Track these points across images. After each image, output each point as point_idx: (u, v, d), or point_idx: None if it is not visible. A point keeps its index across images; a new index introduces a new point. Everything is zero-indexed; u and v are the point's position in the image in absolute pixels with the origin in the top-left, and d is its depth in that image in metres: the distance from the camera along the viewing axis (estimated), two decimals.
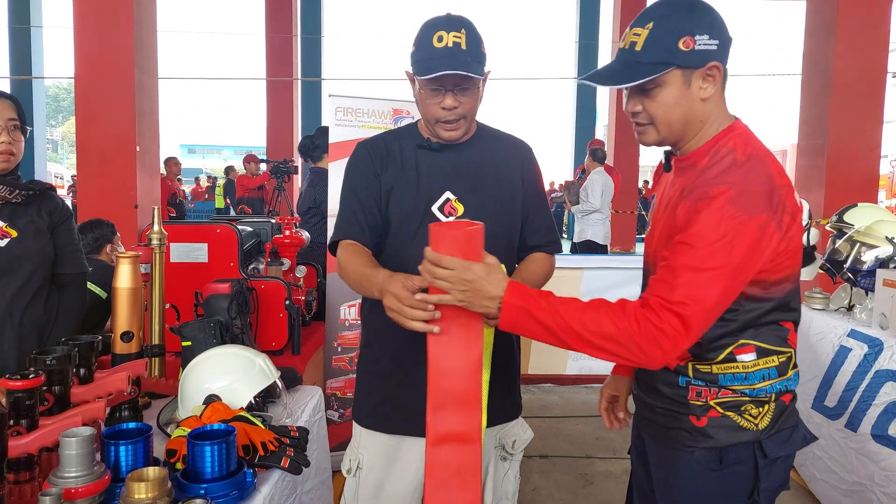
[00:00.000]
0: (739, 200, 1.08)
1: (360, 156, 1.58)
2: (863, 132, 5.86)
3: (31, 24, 13.77)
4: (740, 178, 1.11)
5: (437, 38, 1.40)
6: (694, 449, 1.22)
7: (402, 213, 1.52)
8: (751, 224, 1.08)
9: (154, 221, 1.82)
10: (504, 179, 1.57)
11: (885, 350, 2.36)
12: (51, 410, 1.23)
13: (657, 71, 1.15)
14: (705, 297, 1.08)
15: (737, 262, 1.08)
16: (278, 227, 2.79)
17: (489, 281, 1.13)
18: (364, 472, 1.59)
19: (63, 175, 22.61)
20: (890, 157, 16.98)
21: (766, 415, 1.21)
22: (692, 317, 1.07)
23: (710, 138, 1.20)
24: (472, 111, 1.50)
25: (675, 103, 1.17)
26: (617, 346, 1.10)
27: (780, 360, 1.21)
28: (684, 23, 1.14)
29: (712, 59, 1.15)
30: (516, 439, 1.62)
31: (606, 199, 6.51)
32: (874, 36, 5.78)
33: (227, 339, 1.82)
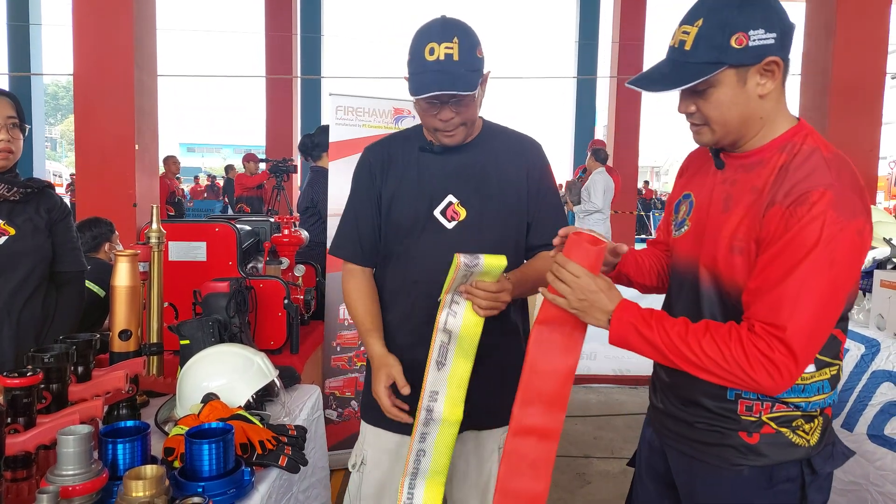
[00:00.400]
0: (840, 204, 1.01)
1: (362, 166, 1.59)
2: (862, 133, 5.86)
3: (30, 22, 13.75)
4: (835, 178, 1.04)
5: (428, 50, 1.37)
6: (742, 467, 1.16)
7: (405, 218, 1.52)
8: (850, 229, 1.01)
9: (153, 220, 1.82)
10: (508, 180, 1.53)
11: (882, 350, 2.37)
12: (48, 408, 1.23)
13: (707, 72, 1.07)
14: (811, 319, 1.02)
15: (838, 270, 1.02)
16: (277, 226, 2.79)
17: (607, 295, 1.15)
18: (368, 468, 1.60)
19: (62, 173, 22.59)
20: (889, 158, 17.00)
21: (816, 430, 1.16)
22: (800, 347, 1.02)
23: (780, 134, 1.12)
24: (471, 117, 1.48)
25: (731, 103, 1.09)
26: (725, 373, 1.05)
27: (831, 372, 1.16)
28: (736, 17, 1.05)
29: (769, 54, 1.06)
30: None
31: (607, 199, 6.52)
32: (873, 37, 5.79)
33: (226, 338, 1.82)
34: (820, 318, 1.04)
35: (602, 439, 3.56)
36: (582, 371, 4.49)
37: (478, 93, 1.44)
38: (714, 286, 1.17)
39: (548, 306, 1.24)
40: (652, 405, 1.36)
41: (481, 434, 1.58)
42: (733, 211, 1.14)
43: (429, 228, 1.50)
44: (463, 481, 1.60)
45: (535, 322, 1.27)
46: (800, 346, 1.02)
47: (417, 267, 1.50)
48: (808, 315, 1.02)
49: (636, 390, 4.39)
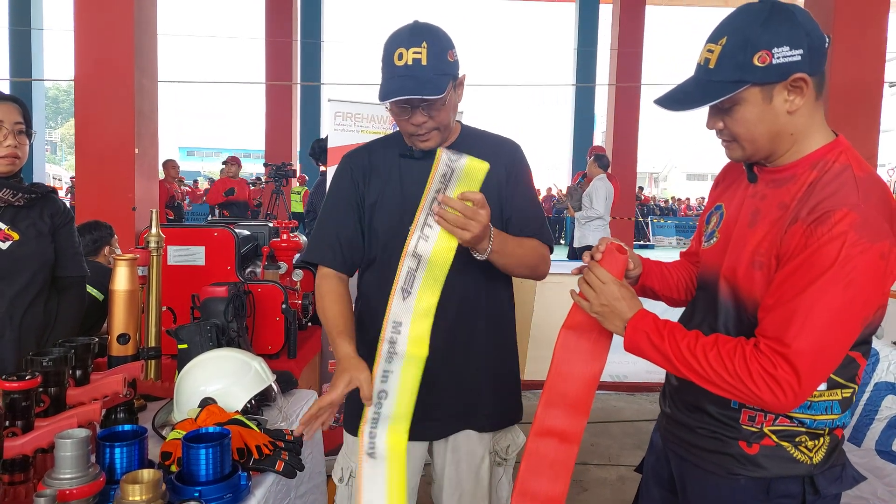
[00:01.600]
0: (863, 226, 0.98)
1: (343, 172, 1.58)
2: (860, 141, 5.86)
3: (31, 27, 13.79)
4: (862, 199, 1.01)
5: (397, 55, 1.38)
6: (740, 477, 1.15)
7: (387, 225, 1.52)
8: (872, 252, 0.98)
9: (152, 224, 1.83)
10: (488, 183, 1.49)
11: (881, 361, 2.37)
12: (46, 412, 1.23)
13: (729, 91, 1.06)
14: (819, 339, 1.00)
15: (854, 293, 0.99)
16: (275, 230, 2.80)
17: (628, 304, 1.17)
18: (357, 480, 1.56)
19: (62, 176, 22.61)
20: (887, 165, 17.07)
21: (821, 448, 1.14)
22: (805, 366, 1.00)
23: (814, 150, 1.10)
24: (444, 121, 1.47)
25: (757, 120, 1.08)
26: (730, 387, 1.05)
27: (843, 394, 1.13)
28: (759, 36, 1.04)
29: (795, 71, 1.04)
30: (510, 444, 1.61)
31: (608, 205, 6.53)
32: (871, 45, 5.82)
33: (224, 343, 1.83)
34: (829, 338, 1.01)
35: (599, 446, 3.56)
36: None
37: (450, 96, 1.43)
38: (732, 299, 1.17)
39: (575, 312, 1.26)
40: (661, 410, 1.36)
41: (471, 439, 1.56)
42: (759, 226, 1.13)
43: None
44: (454, 489, 1.59)
45: (563, 326, 1.28)
46: (804, 365, 1.00)
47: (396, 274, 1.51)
48: (815, 335, 1.00)
49: (633, 397, 4.39)
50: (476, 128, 1.64)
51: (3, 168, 1.77)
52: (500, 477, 1.62)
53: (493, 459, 1.59)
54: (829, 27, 5.81)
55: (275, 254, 2.68)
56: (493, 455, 1.59)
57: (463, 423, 1.56)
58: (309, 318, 2.72)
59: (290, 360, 2.31)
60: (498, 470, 1.61)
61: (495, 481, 1.61)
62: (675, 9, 18.49)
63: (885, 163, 16.10)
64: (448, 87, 1.40)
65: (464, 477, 1.58)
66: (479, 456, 1.57)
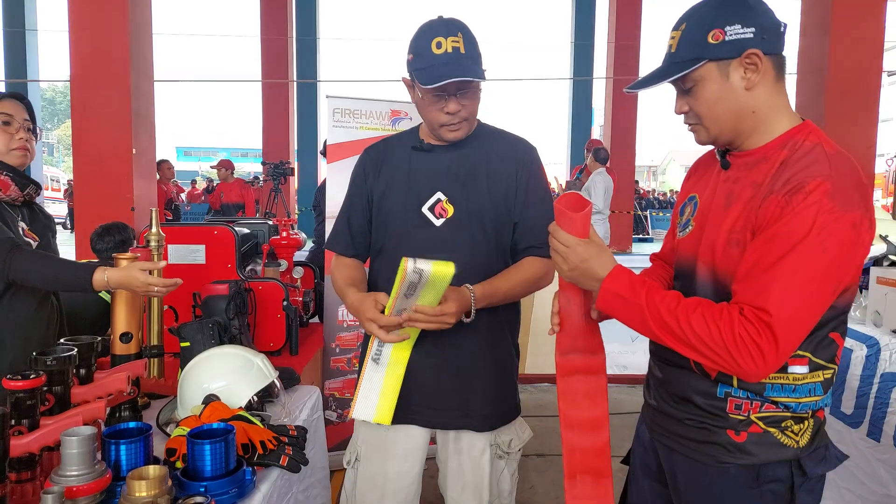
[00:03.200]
0: (836, 194, 1.02)
1: (359, 165, 1.66)
2: (858, 130, 5.88)
3: (26, 28, 13.75)
4: (836, 170, 1.04)
5: (435, 44, 1.41)
6: (729, 465, 1.16)
7: (394, 215, 1.56)
8: (845, 220, 1.01)
9: (152, 223, 1.83)
10: (497, 180, 1.56)
11: (882, 350, 2.36)
12: (51, 410, 1.24)
13: (687, 67, 1.12)
14: (799, 307, 1.02)
15: (829, 259, 1.01)
16: (275, 228, 2.80)
17: (598, 262, 1.16)
18: (362, 464, 1.62)
19: (59, 178, 22.56)
20: (886, 155, 17.06)
21: (806, 431, 1.16)
22: (784, 335, 1.02)
23: (784, 132, 1.14)
24: (474, 112, 1.52)
25: (717, 98, 1.13)
26: (709, 351, 1.05)
27: (825, 375, 1.15)
28: (713, 16, 1.11)
29: (748, 47, 1.09)
30: (513, 438, 1.62)
31: (607, 199, 6.54)
32: (869, 34, 5.81)
33: (226, 340, 1.83)
34: (807, 306, 1.03)
35: None
36: None
37: (480, 88, 1.49)
38: (711, 280, 1.17)
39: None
40: (646, 402, 1.36)
41: (473, 434, 1.58)
42: (733, 207, 1.15)
43: (418, 224, 1.54)
44: (457, 479, 1.61)
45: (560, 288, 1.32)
46: (783, 334, 1.02)
47: None
48: (795, 302, 1.02)
49: (634, 389, 4.40)
50: (493, 126, 1.65)
51: (16, 160, 1.78)
52: (502, 470, 1.62)
53: (494, 453, 1.60)
54: (827, 17, 5.80)
55: (275, 251, 2.68)
56: (495, 448, 1.60)
57: (461, 422, 1.58)
58: (310, 315, 2.73)
59: (293, 357, 2.32)
60: (499, 463, 1.62)
61: (496, 474, 1.62)
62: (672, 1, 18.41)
63: (884, 152, 16.10)
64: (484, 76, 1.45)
65: (466, 468, 1.60)
66: (479, 449, 1.59)
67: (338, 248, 1.65)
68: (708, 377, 1.17)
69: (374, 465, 1.60)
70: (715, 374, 1.16)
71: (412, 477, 1.60)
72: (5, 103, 1.76)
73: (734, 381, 1.15)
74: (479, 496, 1.59)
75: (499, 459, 1.61)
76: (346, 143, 2.99)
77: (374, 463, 1.60)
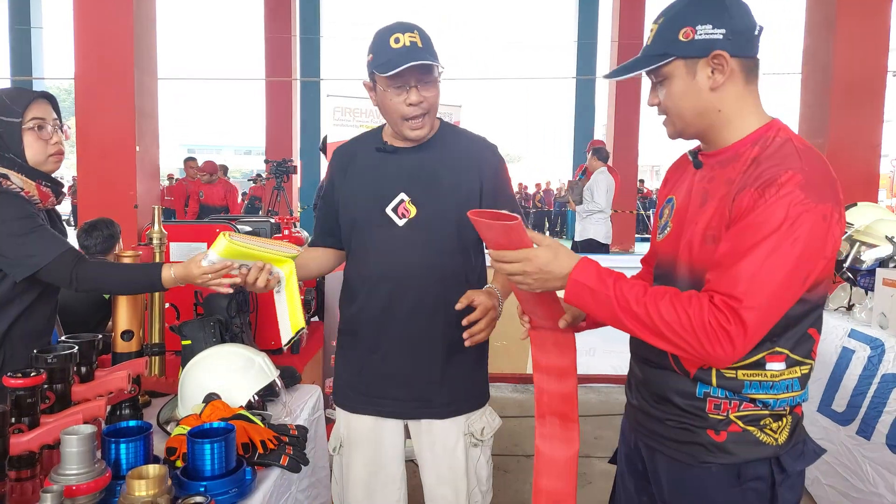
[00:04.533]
0: (808, 186, 1.04)
1: (329, 168, 1.74)
2: (863, 131, 5.85)
3: (31, 25, 13.78)
4: (807, 164, 1.07)
5: (393, 39, 1.47)
6: (711, 464, 1.17)
7: (359, 215, 1.61)
8: (816, 212, 1.04)
9: (154, 221, 1.83)
10: (460, 180, 1.60)
11: (886, 352, 2.35)
12: (52, 408, 1.24)
13: (655, 62, 1.15)
14: (769, 296, 1.04)
15: (800, 250, 1.03)
16: (277, 226, 2.80)
17: (557, 263, 1.16)
18: (346, 450, 1.68)
19: (63, 175, 22.60)
20: (891, 156, 16.97)
21: (784, 428, 1.17)
22: (753, 322, 1.03)
23: (754, 130, 1.16)
24: (435, 106, 1.55)
25: (683, 94, 1.16)
26: (678, 339, 1.06)
27: (802, 371, 1.16)
28: (687, 14, 1.13)
29: (716, 48, 1.11)
30: (485, 426, 1.66)
31: (609, 198, 6.51)
32: (875, 33, 5.78)
33: (227, 338, 1.83)
34: (777, 294, 1.05)
35: (603, 439, 3.56)
36: (581, 370, 4.47)
37: (440, 79, 1.54)
38: (689, 276, 1.18)
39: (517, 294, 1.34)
40: (628, 402, 1.37)
41: (445, 422, 1.63)
42: (709, 204, 1.17)
43: (381, 225, 1.58)
44: (432, 470, 1.65)
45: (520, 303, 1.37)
46: (752, 321, 1.03)
47: (371, 261, 1.60)
48: (766, 292, 1.04)
49: None
50: (454, 125, 1.72)
51: (53, 166, 1.71)
52: (478, 458, 1.66)
53: (468, 441, 1.64)
54: (832, 18, 5.77)
55: None
56: (468, 437, 1.64)
57: (421, 412, 1.62)
58: (311, 314, 2.73)
59: (294, 356, 2.32)
60: (475, 451, 1.65)
61: (473, 462, 1.65)
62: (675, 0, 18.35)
63: (888, 153, 16.01)
64: (441, 67, 1.51)
65: (440, 459, 1.64)
66: (452, 438, 1.63)
67: (314, 244, 1.76)
68: (687, 376, 1.18)
69: (358, 454, 1.66)
70: (694, 373, 1.17)
71: (395, 463, 1.66)
72: (36, 106, 1.63)
73: (713, 380, 1.15)
74: (455, 485, 1.63)
75: (473, 448, 1.65)
76: (346, 141, 2.98)
77: (358, 451, 1.65)
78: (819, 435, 2.59)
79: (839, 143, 5.86)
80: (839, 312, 2.86)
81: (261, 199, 8.93)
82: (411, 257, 1.56)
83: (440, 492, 1.64)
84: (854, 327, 2.58)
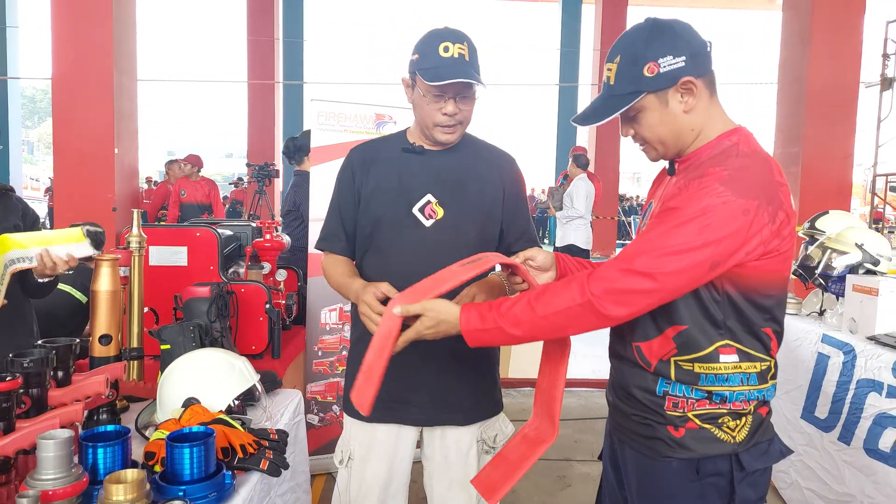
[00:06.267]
0: (731, 181, 1.10)
1: (346, 166, 1.68)
2: (837, 140, 6.00)
3: (6, 24, 13.55)
4: (738, 164, 1.14)
5: (443, 48, 1.47)
6: (671, 459, 1.22)
7: (384, 214, 1.59)
8: (735, 205, 1.09)
9: (133, 224, 1.82)
10: (485, 186, 1.62)
11: (858, 357, 2.40)
12: (28, 413, 1.23)
13: (628, 102, 1.20)
14: (664, 260, 1.10)
15: (707, 236, 1.09)
16: (259, 230, 2.78)
17: (445, 325, 1.26)
18: (356, 462, 1.65)
19: (39, 177, 22.22)
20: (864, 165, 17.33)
21: (743, 427, 1.21)
22: (647, 267, 1.10)
23: (714, 137, 1.23)
24: (469, 118, 1.57)
25: (659, 123, 1.22)
26: (574, 317, 1.15)
27: (761, 367, 1.21)
28: (645, 50, 1.18)
29: (682, 76, 1.18)
30: (498, 433, 1.67)
31: (589, 204, 6.58)
32: (848, 46, 5.93)
33: (207, 343, 1.82)
34: (679, 274, 1.11)
35: (582, 442, 3.59)
36: None
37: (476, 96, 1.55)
38: None
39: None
40: (607, 399, 1.44)
41: (460, 428, 1.63)
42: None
43: (408, 224, 1.58)
44: (444, 476, 1.65)
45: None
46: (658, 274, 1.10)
47: (395, 259, 1.59)
48: (658, 256, 1.11)
49: None
50: (477, 136, 1.73)
51: None
52: None
53: (480, 448, 1.65)
54: (806, 31, 5.91)
55: (258, 254, 2.67)
56: (482, 444, 1.65)
57: (442, 418, 1.62)
58: (293, 318, 2.72)
59: (275, 360, 2.30)
60: (486, 458, 1.65)
61: None
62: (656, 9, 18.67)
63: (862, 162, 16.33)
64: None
65: (452, 465, 1.64)
66: (466, 444, 1.63)
67: (334, 247, 1.66)
68: (648, 369, 1.24)
69: (371, 464, 1.64)
70: (654, 365, 1.23)
71: (406, 472, 1.66)
72: None
73: (671, 373, 1.21)
74: (466, 492, 1.62)
75: (486, 455, 1.66)
76: (331, 146, 2.98)
77: (371, 462, 1.64)
78: (803, 441, 2.64)
79: (813, 152, 6.00)
80: (811, 318, 2.92)
81: (242, 203, 8.84)
82: (437, 259, 1.50)
83: (451, 497, 1.64)
84: (826, 332, 2.63)
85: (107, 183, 4.39)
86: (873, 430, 2.26)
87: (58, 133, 4.46)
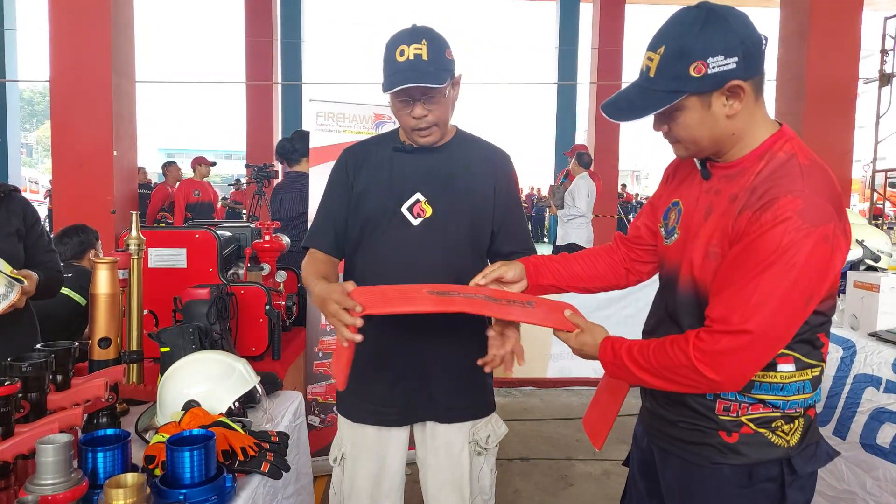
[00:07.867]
0: (806, 210, 1.03)
1: (339, 164, 1.67)
2: (836, 137, 5.98)
3: (4, 27, 13.53)
4: (809, 184, 1.06)
5: (398, 52, 1.45)
6: (722, 465, 1.18)
7: (374, 213, 1.59)
8: (815, 235, 1.02)
9: (132, 226, 1.81)
10: (475, 184, 1.61)
11: (858, 353, 2.40)
12: (27, 417, 1.22)
13: (668, 101, 1.10)
14: (768, 321, 1.05)
15: (798, 274, 1.03)
16: (258, 231, 2.78)
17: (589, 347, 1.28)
18: (348, 462, 1.65)
19: (38, 180, 22.20)
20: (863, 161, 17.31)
21: (796, 430, 1.18)
22: (753, 346, 1.06)
23: (761, 143, 1.14)
24: (443, 117, 1.54)
25: (698, 125, 1.12)
26: (681, 378, 1.11)
27: (813, 373, 1.17)
28: (694, 45, 1.06)
29: (731, 79, 1.07)
30: (490, 434, 1.66)
31: (590, 203, 6.58)
32: (846, 42, 5.91)
33: (207, 345, 1.82)
34: (776, 320, 1.06)
35: (584, 441, 3.58)
36: (563, 374, 4.52)
37: (448, 92, 1.51)
38: (693, 291, 1.19)
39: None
40: (643, 404, 1.39)
41: (450, 428, 1.62)
42: (712, 218, 1.17)
43: (396, 223, 1.57)
44: (436, 476, 1.64)
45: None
46: (747, 344, 1.06)
47: (383, 258, 1.58)
48: (762, 316, 1.05)
49: None
50: (470, 133, 1.70)
51: None
52: (482, 466, 1.66)
53: (472, 449, 1.63)
54: (804, 25, 5.90)
55: (257, 255, 2.66)
56: (473, 445, 1.63)
57: (419, 415, 1.62)
58: (293, 320, 2.71)
59: (275, 362, 2.30)
60: (478, 459, 1.65)
61: (476, 470, 1.65)
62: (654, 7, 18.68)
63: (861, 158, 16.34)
64: (447, 82, 1.47)
65: (443, 465, 1.63)
66: (457, 446, 1.62)
67: (321, 245, 1.62)
68: None
69: (361, 464, 1.64)
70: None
71: (398, 472, 1.65)
72: None
73: None
74: (459, 492, 1.62)
75: (478, 456, 1.65)
76: (330, 146, 2.98)
77: (362, 461, 1.64)
78: None
79: (812, 148, 5.93)
80: None
81: (241, 204, 8.84)
82: (425, 257, 1.54)
83: (443, 498, 1.64)
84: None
85: (105, 185, 4.39)
86: (870, 425, 2.26)
87: (56, 135, 4.45)
